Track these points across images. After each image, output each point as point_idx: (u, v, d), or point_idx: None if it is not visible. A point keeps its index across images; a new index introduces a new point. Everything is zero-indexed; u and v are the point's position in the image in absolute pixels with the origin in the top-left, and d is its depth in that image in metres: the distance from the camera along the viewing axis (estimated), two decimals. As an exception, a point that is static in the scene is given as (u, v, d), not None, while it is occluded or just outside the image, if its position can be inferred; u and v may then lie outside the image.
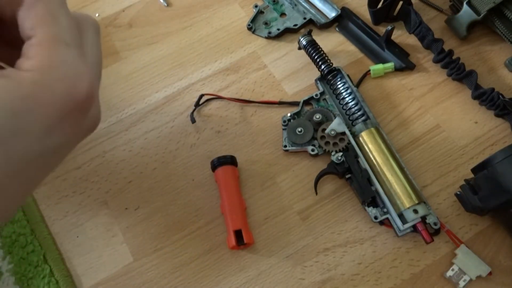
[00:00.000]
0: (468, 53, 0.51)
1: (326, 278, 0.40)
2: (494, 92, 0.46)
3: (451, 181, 0.44)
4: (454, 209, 0.42)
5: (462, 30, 0.50)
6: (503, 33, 0.49)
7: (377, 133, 0.44)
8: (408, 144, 0.46)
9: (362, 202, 0.42)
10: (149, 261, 0.41)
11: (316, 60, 0.48)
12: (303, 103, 0.47)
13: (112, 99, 0.49)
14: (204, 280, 0.40)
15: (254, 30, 0.53)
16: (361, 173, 0.42)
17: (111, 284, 0.40)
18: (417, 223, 0.40)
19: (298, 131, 0.45)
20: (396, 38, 0.52)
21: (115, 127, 0.48)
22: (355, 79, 0.49)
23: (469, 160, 0.45)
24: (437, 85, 0.49)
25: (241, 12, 0.55)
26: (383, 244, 0.41)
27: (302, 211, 0.43)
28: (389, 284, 0.40)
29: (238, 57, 0.52)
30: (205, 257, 0.41)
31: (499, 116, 0.47)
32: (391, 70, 0.49)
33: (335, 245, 0.41)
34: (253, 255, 0.41)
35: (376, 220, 0.41)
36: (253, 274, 0.40)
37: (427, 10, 0.54)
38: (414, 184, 0.41)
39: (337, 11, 0.53)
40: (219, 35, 0.54)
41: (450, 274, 0.39)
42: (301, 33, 0.52)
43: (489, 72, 0.50)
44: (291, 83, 0.50)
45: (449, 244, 0.41)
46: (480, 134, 0.46)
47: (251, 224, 0.42)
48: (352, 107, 0.46)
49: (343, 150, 0.44)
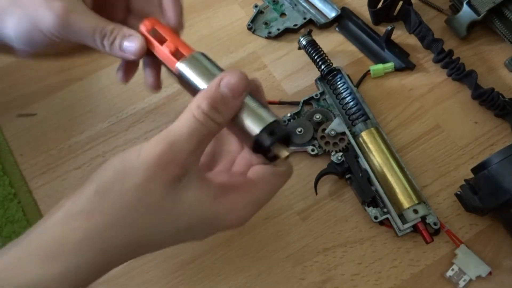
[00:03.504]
0: (468, 53, 0.51)
1: (326, 278, 0.40)
2: (494, 92, 0.46)
3: (451, 181, 0.44)
4: (454, 209, 0.42)
5: (462, 30, 0.50)
6: (503, 33, 0.49)
7: (377, 133, 0.44)
8: (408, 144, 0.46)
9: (362, 202, 0.42)
10: (149, 261, 0.41)
11: (316, 60, 0.48)
12: (303, 103, 0.47)
13: (112, 99, 0.49)
14: (204, 280, 0.40)
15: (254, 30, 0.53)
16: (361, 173, 0.42)
17: (111, 284, 0.40)
18: (417, 223, 0.40)
19: (298, 131, 0.45)
20: (396, 38, 0.52)
21: (115, 127, 0.48)
22: (355, 79, 0.49)
23: (469, 160, 0.45)
24: (437, 85, 0.49)
25: (241, 12, 0.55)
26: (383, 244, 0.41)
27: (302, 211, 0.43)
28: (389, 284, 0.40)
29: (238, 57, 0.52)
30: (205, 257, 0.41)
31: (499, 116, 0.47)
32: (391, 70, 0.49)
33: (335, 245, 0.41)
34: (253, 255, 0.41)
35: (376, 220, 0.41)
36: (253, 274, 0.40)
37: (427, 10, 0.54)
38: (414, 184, 0.41)
39: (337, 11, 0.53)
40: (219, 35, 0.54)
41: (450, 274, 0.39)
42: (301, 33, 0.52)
43: (489, 72, 0.50)
44: (291, 83, 0.50)
45: (449, 244, 0.41)
46: (480, 134, 0.46)
47: (251, 224, 0.42)
48: (352, 107, 0.46)
49: (343, 150, 0.44)
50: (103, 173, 0.28)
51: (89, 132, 0.47)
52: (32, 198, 0.44)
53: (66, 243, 0.25)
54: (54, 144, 0.47)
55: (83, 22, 0.32)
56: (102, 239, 0.26)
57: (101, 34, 0.32)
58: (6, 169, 0.45)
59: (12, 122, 0.48)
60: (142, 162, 0.26)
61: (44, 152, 0.46)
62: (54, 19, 0.31)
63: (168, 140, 0.27)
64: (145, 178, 0.26)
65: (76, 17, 0.31)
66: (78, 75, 0.51)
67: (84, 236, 0.26)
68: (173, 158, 0.26)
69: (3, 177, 0.44)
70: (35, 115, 0.48)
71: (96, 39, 0.32)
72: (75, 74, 0.51)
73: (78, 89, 0.50)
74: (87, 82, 0.34)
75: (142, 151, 0.27)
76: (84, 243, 0.26)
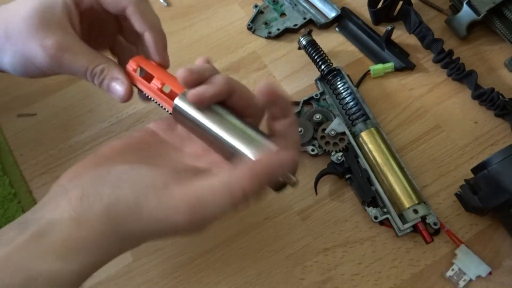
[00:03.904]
0: (468, 53, 0.51)
1: (326, 278, 0.40)
2: (494, 92, 0.46)
3: (451, 181, 0.44)
4: (454, 209, 0.42)
5: (462, 30, 0.50)
6: (503, 33, 0.49)
7: (377, 133, 0.44)
8: (408, 144, 0.46)
9: (362, 202, 0.42)
10: (149, 261, 0.41)
11: (316, 60, 0.48)
12: (303, 103, 0.47)
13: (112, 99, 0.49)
14: (204, 280, 0.40)
15: (254, 30, 0.53)
16: (361, 173, 0.42)
17: (111, 284, 0.40)
18: (417, 223, 0.40)
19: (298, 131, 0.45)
20: (396, 38, 0.52)
21: (115, 127, 0.48)
22: (355, 79, 0.49)
23: (469, 160, 0.45)
24: (437, 85, 0.49)
25: (241, 12, 0.55)
26: (383, 244, 0.41)
27: (302, 211, 0.43)
28: (389, 284, 0.40)
29: (238, 57, 0.52)
30: (205, 257, 0.41)
31: (499, 116, 0.47)
32: (391, 70, 0.49)
33: (335, 245, 0.41)
34: (252, 255, 0.41)
35: (376, 220, 0.41)
36: (253, 274, 0.40)
37: (427, 10, 0.54)
38: (414, 184, 0.41)
39: (337, 11, 0.53)
40: (219, 35, 0.54)
41: (450, 274, 0.39)
42: (301, 33, 0.52)
43: (489, 72, 0.50)
44: (291, 83, 0.50)
45: (449, 244, 0.41)
46: (480, 134, 0.46)
47: (251, 224, 0.42)
48: (352, 107, 0.46)
49: (343, 150, 0.44)
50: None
51: (89, 132, 0.47)
52: (32, 198, 0.44)
53: (85, 240, 0.26)
54: (54, 144, 0.47)
55: (75, 61, 0.33)
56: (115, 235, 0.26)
57: (92, 74, 0.34)
58: (6, 169, 0.45)
59: (12, 122, 0.48)
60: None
61: (44, 152, 0.46)
62: (46, 60, 0.32)
63: (197, 196, 0.26)
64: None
65: (68, 57, 0.32)
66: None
67: (101, 234, 0.26)
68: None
69: (3, 177, 0.44)
70: (35, 115, 0.48)
71: (87, 76, 0.34)
72: (75, 74, 0.51)
73: (78, 89, 0.50)
74: (87, 82, 0.34)
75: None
76: (100, 240, 0.26)
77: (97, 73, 0.33)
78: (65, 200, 0.27)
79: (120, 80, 0.33)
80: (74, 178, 0.28)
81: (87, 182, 0.27)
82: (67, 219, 0.26)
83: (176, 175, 0.27)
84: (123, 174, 0.27)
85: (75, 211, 0.26)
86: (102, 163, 0.29)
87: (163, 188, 0.26)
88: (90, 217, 0.26)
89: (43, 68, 0.33)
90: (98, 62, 0.33)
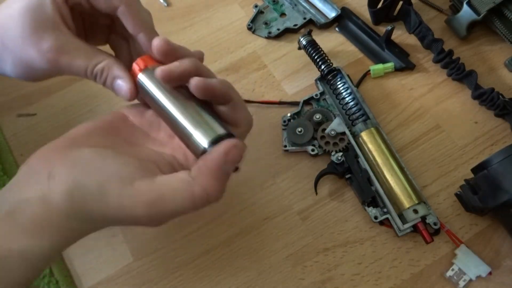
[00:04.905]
0: (468, 53, 0.51)
1: (326, 278, 0.40)
2: (494, 92, 0.46)
3: (451, 181, 0.44)
4: (454, 209, 0.42)
5: (462, 30, 0.50)
6: (503, 33, 0.49)
7: (377, 133, 0.44)
8: (408, 144, 0.46)
9: (362, 202, 0.42)
10: (149, 261, 0.41)
11: (316, 60, 0.48)
12: (303, 103, 0.47)
13: (112, 99, 0.49)
14: (204, 280, 0.40)
15: (254, 30, 0.53)
16: (361, 173, 0.42)
17: (111, 284, 0.40)
18: (417, 223, 0.40)
19: (298, 131, 0.45)
20: (396, 38, 0.52)
21: (115, 127, 0.48)
22: (355, 79, 0.49)
23: (469, 160, 0.45)
24: (437, 85, 0.49)
25: (241, 12, 0.55)
26: (383, 244, 0.41)
27: (302, 211, 0.43)
28: (389, 284, 0.40)
29: (238, 57, 0.52)
30: (205, 257, 0.41)
31: (499, 116, 0.47)
32: (391, 70, 0.49)
33: (335, 245, 0.41)
34: (253, 255, 0.41)
35: (376, 220, 0.41)
36: (253, 274, 0.40)
37: (427, 10, 0.54)
38: (414, 184, 0.41)
39: (337, 11, 0.53)
40: (219, 35, 0.54)
41: (450, 274, 0.39)
42: (301, 33, 0.52)
43: (489, 72, 0.50)
44: (291, 83, 0.50)
45: (449, 244, 0.41)
46: (480, 134, 0.46)
47: (251, 224, 0.42)
48: (352, 107, 0.46)
49: (343, 150, 0.44)
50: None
51: (89, 132, 0.47)
52: (32, 198, 0.44)
53: (52, 219, 0.27)
54: (54, 144, 0.47)
55: (72, 62, 0.32)
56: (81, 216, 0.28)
57: (92, 74, 0.33)
58: (6, 169, 0.45)
59: (12, 122, 0.48)
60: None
61: (44, 152, 0.46)
62: (45, 64, 0.32)
63: (159, 192, 0.27)
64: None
65: (65, 59, 0.32)
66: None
67: (66, 215, 0.27)
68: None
69: (3, 177, 0.44)
70: (35, 115, 0.48)
71: (88, 76, 0.33)
72: (75, 74, 0.51)
73: (78, 89, 0.50)
74: (87, 82, 0.34)
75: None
76: (64, 221, 0.27)
77: (98, 73, 0.33)
78: (33, 180, 0.28)
79: (122, 78, 0.33)
80: (43, 159, 0.29)
81: (55, 164, 0.28)
82: (35, 199, 0.27)
83: (141, 167, 0.28)
84: (90, 160, 0.28)
85: (42, 191, 0.27)
86: (71, 145, 0.30)
87: (127, 179, 0.27)
88: (55, 198, 0.27)
89: (43, 71, 0.33)
90: (96, 60, 0.33)
